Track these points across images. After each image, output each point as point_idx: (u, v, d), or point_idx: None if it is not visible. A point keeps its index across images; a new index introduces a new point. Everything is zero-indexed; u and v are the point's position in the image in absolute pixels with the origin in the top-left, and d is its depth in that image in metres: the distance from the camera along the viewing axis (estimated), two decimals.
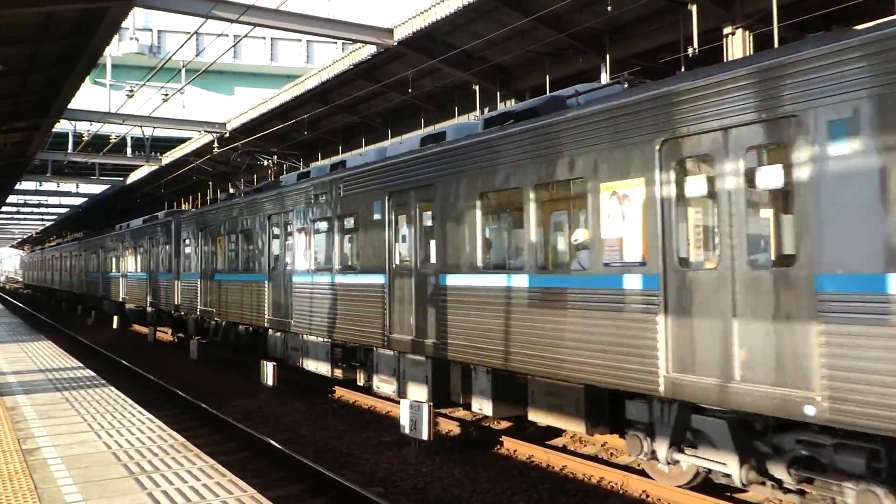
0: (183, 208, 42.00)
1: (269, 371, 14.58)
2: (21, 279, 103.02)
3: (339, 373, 13.46)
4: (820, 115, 5.89)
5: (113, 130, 30.56)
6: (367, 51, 18.31)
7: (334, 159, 19.18)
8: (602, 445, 10.17)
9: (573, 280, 8.24)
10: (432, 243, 10.70)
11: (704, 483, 7.84)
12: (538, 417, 9.15)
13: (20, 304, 49.46)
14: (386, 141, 23.64)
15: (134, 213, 43.03)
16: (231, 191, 30.00)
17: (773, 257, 6.68)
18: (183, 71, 25.34)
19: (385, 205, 11.58)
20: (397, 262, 11.49)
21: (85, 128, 28.59)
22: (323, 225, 13.74)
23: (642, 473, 8.64)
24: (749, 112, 6.45)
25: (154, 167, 35.46)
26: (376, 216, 11.81)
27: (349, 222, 12.92)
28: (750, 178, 6.57)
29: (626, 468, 8.86)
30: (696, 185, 7.16)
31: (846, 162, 5.74)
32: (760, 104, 6.35)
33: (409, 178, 11.09)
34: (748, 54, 13.02)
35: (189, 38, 16.58)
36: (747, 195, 6.59)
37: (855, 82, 5.68)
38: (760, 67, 6.37)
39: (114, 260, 32.30)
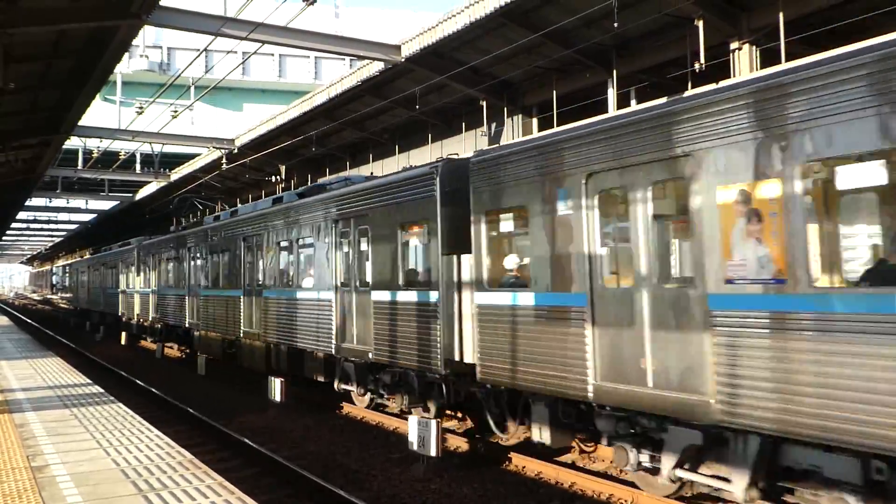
0: None
1: (276, 387, 14.57)
2: (54, 297, 77.11)
3: None
4: None
5: (122, 147, 30.89)
6: (374, 67, 18.44)
7: None
8: (612, 462, 10.10)
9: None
10: None
11: None
12: None
13: (29, 321, 49.58)
14: (392, 157, 23.77)
15: (141, 229, 43.15)
16: None
17: None
18: (192, 88, 25.54)
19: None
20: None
21: (95, 144, 28.85)
22: None
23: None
24: None
25: (163, 183, 35.72)
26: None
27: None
28: None
29: (635, 485, 8.79)
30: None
31: None
32: None
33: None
34: (756, 70, 13.05)
35: (198, 56, 16.75)
36: None
37: None
38: None
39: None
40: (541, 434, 9.21)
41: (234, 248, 18.46)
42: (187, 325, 22.33)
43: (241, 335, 17.77)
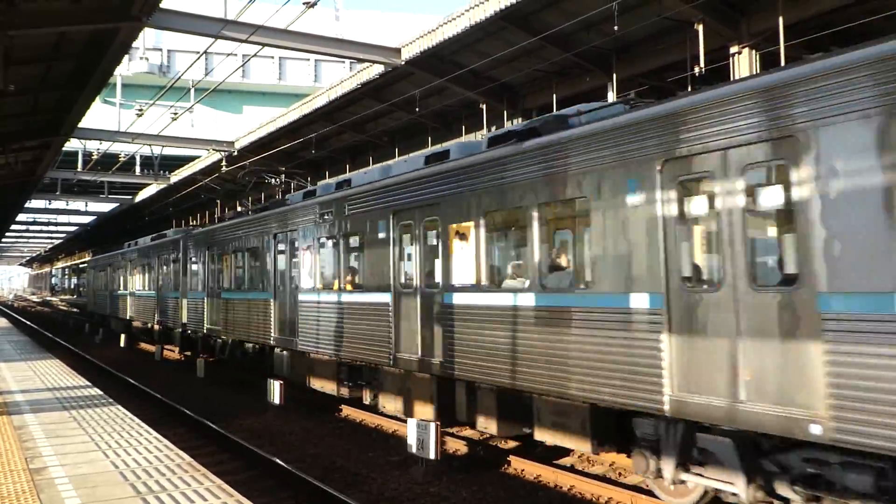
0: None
1: (275, 389, 14.56)
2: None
3: None
4: None
5: (122, 149, 30.89)
6: (374, 70, 18.45)
7: None
8: (610, 465, 10.10)
9: None
10: None
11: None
12: None
13: (28, 322, 49.50)
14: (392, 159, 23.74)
15: (142, 231, 43.13)
16: None
17: None
18: (192, 90, 25.55)
19: None
20: None
21: (94, 146, 28.86)
22: None
23: (650, 493, 8.57)
24: None
25: (162, 185, 35.73)
26: None
27: None
28: None
29: (634, 488, 8.78)
30: None
31: None
32: None
33: None
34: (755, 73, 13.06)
35: (199, 58, 16.77)
36: None
37: None
38: None
39: None
40: None
41: (369, 230, 12.32)
42: (272, 343, 16.18)
43: (391, 363, 11.69)
